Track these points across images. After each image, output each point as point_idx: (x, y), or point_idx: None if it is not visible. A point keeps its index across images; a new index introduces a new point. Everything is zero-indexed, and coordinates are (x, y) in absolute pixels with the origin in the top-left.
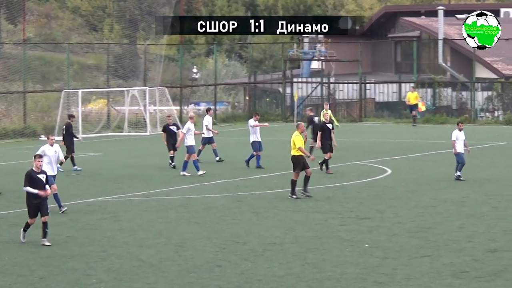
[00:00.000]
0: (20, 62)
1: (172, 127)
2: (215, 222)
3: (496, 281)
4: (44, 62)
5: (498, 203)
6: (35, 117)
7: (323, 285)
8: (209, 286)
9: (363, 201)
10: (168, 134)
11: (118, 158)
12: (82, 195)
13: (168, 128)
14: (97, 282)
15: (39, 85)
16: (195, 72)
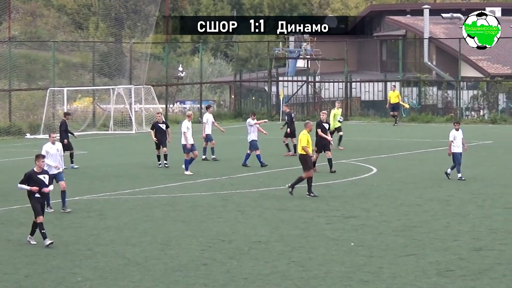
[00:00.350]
0: (5, 60)
1: (162, 125)
2: (201, 220)
3: (481, 279)
4: (29, 60)
5: (483, 202)
6: (21, 115)
7: (309, 283)
8: (194, 284)
9: (348, 199)
10: (157, 131)
11: (104, 156)
12: (67, 193)
13: (157, 126)
14: (82, 280)
15: (24, 83)
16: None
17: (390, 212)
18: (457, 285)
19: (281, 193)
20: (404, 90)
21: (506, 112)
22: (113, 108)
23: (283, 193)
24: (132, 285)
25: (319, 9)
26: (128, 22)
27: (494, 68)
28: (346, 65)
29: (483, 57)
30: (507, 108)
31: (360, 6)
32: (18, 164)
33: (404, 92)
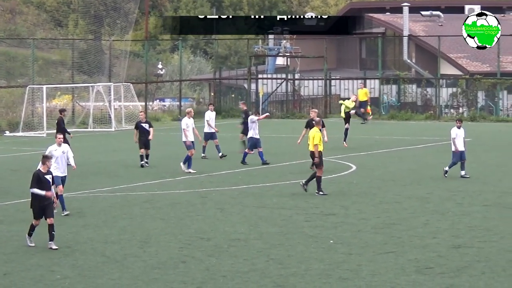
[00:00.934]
0: None
1: (145, 124)
2: (180, 218)
3: (460, 277)
4: (8, 57)
5: (462, 199)
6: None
7: (288, 281)
8: (173, 282)
9: (327, 197)
10: (140, 131)
11: (83, 154)
12: None
13: (140, 125)
14: (61, 278)
15: (3, 80)
16: (160, 68)
17: (369, 209)
18: (436, 282)
19: (260, 190)
20: (384, 87)
21: (485, 109)
22: (93, 105)
23: (262, 190)
24: (111, 283)
25: (298, 7)
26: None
27: (473, 66)
28: (325, 63)
29: (462, 54)
30: (486, 106)
31: (340, 3)
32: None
33: (384, 89)
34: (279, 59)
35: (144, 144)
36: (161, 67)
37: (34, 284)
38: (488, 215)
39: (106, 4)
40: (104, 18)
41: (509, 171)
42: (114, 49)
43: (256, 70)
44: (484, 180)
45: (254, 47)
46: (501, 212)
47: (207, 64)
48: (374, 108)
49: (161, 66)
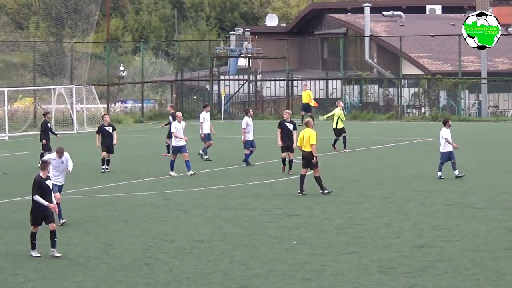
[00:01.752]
0: None
1: (108, 128)
2: (143, 220)
3: (424, 276)
4: None
5: (425, 199)
6: None
7: (251, 282)
8: (137, 284)
9: (291, 198)
10: (103, 135)
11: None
12: (9, 194)
13: (103, 129)
14: (24, 281)
15: None
16: (122, 70)
17: (332, 210)
18: (399, 282)
19: (223, 192)
20: (346, 88)
21: (447, 109)
22: (55, 108)
23: (225, 192)
24: (74, 286)
25: (260, 8)
26: (69, 21)
27: (435, 66)
28: (287, 64)
29: (423, 54)
30: (448, 105)
31: (301, 4)
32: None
33: (346, 90)
34: (241, 60)
35: (107, 148)
36: (123, 69)
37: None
38: (450, 214)
39: (68, 6)
40: (65, 20)
41: (470, 171)
42: (75, 51)
43: (218, 71)
44: (446, 179)
45: (216, 48)
46: (463, 212)
47: (169, 65)
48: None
49: (123, 68)
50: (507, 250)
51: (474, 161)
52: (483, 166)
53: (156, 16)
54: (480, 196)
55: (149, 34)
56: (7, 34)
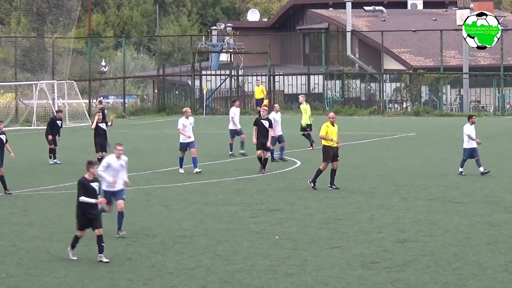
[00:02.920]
0: None
1: (102, 125)
2: (125, 215)
3: (406, 271)
4: None
5: (407, 193)
6: None
7: (234, 277)
8: (120, 279)
9: (273, 193)
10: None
11: (27, 151)
12: None
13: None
14: (6, 276)
15: None
16: (103, 65)
17: (315, 205)
18: (382, 277)
19: (205, 187)
20: (327, 83)
21: (428, 104)
22: (36, 103)
23: (207, 187)
24: (57, 281)
25: (241, 3)
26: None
27: (417, 61)
28: (269, 59)
29: (405, 49)
30: (430, 100)
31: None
32: None
33: (327, 85)
34: (223, 56)
35: (101, 146)
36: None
37: None
38: (433, 209)
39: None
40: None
41: (453, 166)
42: (57, 47)
43: (199, 66)
44: (428, 174)
45: (198, 43)
46: (445, 206)
47: (150, 61)
48: (318, 103)
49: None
50: (489, 244)
51: (456, 156)
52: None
53: (137, 11)
54: (462, 191)
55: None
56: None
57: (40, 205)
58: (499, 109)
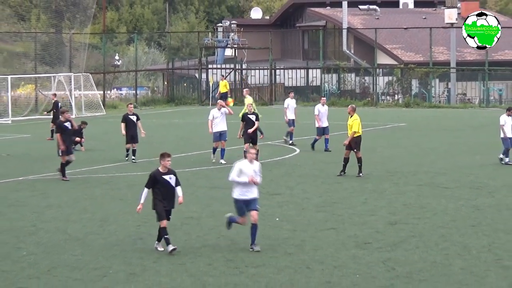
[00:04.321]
0: None
1: (132, 117)
2: (136, 198)
3: (396, 251)
4: None
5: (398, 179)
6: None
7: (237, 256)
8: (131, 257)
9: (274, 178)
10: (128, 124)
11: (45, 140)
12: (12, 174)
13: (128, 118)
14: (27, 254)
15: None
16: (117, 59)
17: (312, 189)
18: (374, 256)
19: (212, 172)
20: (325, 76)
21: (418, 96)
22: None
23: (213, 172)
24: (73, 259)
25: (245, 1)
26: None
27: (408, 56)
28: (270, 54)
29: (397, 45)
30: (420, 93)
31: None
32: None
33: (325, 78)
34: (228, 51)
35: (132, 137)
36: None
37: (2, 260)
38: (422, 194)
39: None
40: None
41: (441, 154)
42: (74, 42)
43: (206, 60)
44: (418, 161)
45: (204, 39)
46: (434, 191)
47: (160, 55)
48: (316, 95)
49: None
50: (474, 226)
51: (445, 145)
52: (452, 150)
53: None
54: (450, 177)
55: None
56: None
57: (58, 189)
58: (484, 101)
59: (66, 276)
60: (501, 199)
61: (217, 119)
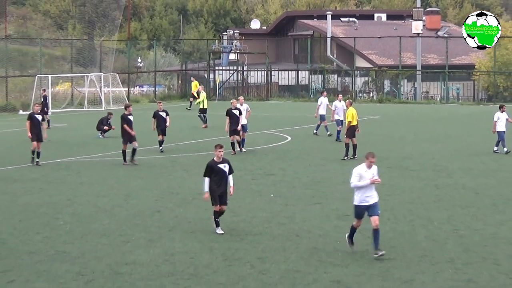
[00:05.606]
0: (2, 53)
1: (162, 113)
2: (155, 177)
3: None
4: (21, 53)
5: (359, 162)
6: (15, 96)
7: (239, 225)
8: (151, 227)
9: (269, 161)
10: (158, 119)
11: (80, 128)
12: (51, 156)
13: (158, 114)
14: (63, 223)
15: (17, 71)
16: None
17: (301, 170)
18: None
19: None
20: (312, 77)
21: (390, 94)
22: (87, 90)
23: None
24: (102, 227)
25: (246, 14)
26: (99, 24)
27: (381, 60)
28: (267, 58)
29: (372, 51)
30: (391, 91)
31: (278, 12)
32: (12, 134)
33: (312, 78)
34: (231, 55)
35: (162, 131)
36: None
37: (42, 228)
38: (392, 175)
39: (97, 12)
40: (95, 23)
41: (408, 141)
42: (103, 47)
43: (213, 63)
44: (389, 148)
45: (212, 45)
46: (403, 173)
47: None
48: (305, 92)
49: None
50: (435, 202)
51: (411, 134)
52: (417, 138)
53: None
54: (416, 161)
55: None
56: (50, 33)
57: (90, 169)
58: (444, 98)
59: (96, 242)
60: (458, 180)
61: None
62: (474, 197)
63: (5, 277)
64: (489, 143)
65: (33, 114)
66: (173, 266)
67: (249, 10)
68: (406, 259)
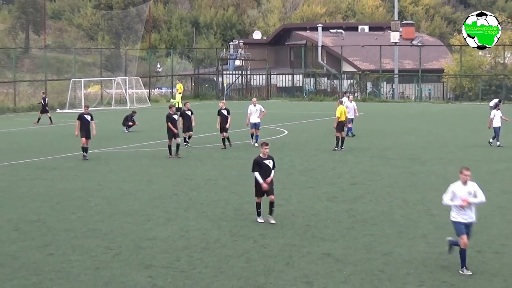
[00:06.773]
0: (42, 60)
1: (188, 112)
2: (172, 166)
3: (356, 203)
4: (58, 60)
5: (357, 153)
6: (52, 97)
7: (243, 207)
8: (168, 207)
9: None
10: (184, 118)
11: (108, 124)
12: None
13: (185, 113)
14: (95, 205)
15: (55, 75)
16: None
17: (297, 160)
18: (340, 207)
19: (225, 148)
20: (305, 79)
21: (372, 94)
22: (114, 92)
23: (226, 148)
24: (127, 208)
25: (249, 26)
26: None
27: (364, 65)
28: (267, 64)
29: (357, 58)
30: (373, 92)
31: (276, 24)
32: (50, 129)
33: (305, 81)
34: (237, 61)
35: (187, 128)
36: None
37: (76, 209)
38: (374, 163)
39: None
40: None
41: (388, 135)
42: (128, 55)
43: (222, 68)
44: (370, 140)
45: (220, 53)
46: (383, 161)
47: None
48: (299, 93)
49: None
50: (410, 186)
51: (390, 128)
52: (395, 132)
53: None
54: (394, 151)
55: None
56: (83, 43)
57: (117, 159)
58: (418, 97)
59: (122, 221)
60: (430, 167)
61: (252, 113)
62: (443, 182)
63: (45, 250)
64: (457, 136)
65: (82, 115)
66: (188, 241)
67: (252, 23)
68: (386, 234)
